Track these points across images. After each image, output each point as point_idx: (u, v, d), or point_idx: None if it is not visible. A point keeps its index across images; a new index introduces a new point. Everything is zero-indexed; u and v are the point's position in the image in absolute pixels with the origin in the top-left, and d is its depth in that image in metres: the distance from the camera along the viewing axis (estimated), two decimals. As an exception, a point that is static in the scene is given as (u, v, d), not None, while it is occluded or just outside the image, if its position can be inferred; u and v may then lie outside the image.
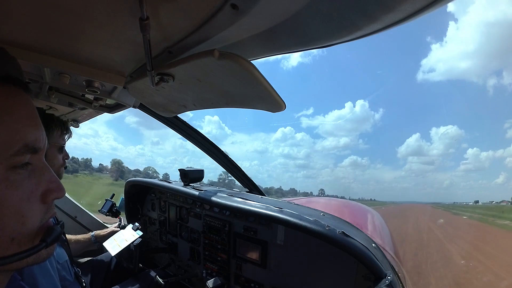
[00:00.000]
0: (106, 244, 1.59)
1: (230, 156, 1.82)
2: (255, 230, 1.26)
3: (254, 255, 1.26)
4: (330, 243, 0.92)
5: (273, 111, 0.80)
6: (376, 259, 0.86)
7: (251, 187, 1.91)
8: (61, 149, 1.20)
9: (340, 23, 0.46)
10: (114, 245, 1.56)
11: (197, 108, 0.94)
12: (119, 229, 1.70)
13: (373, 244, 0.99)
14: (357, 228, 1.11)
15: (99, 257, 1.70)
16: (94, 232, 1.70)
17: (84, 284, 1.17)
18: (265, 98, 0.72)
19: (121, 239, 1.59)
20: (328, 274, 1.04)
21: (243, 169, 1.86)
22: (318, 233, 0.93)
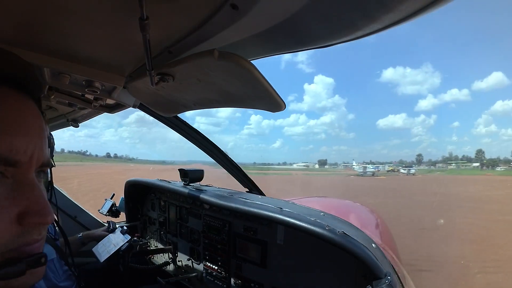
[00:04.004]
0: (95, 250, 1.59)
1: (230, 156, 1.82)
2: (255, 230, 1.26)
3: (254, 255, 1.26)
4: (330, 243, 0.91)
5: (273, 110, 0.80)
6: (376, 259, 0.86)
7: (251, 187, 1.91)
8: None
9: (340, 23, 0.46)
10: (103, 251, 1.56)
11: (197, 108, 0.94)
12: (107, 233, 1.68)
13: (373, 244, 0.99)
14: (357, 228, 1.11)
15: (93, 260, 1.68)
16: (82, 233, 1.68)
17: (81, 285, 1.15)
18: (265, 98, 0.72)
19: (110, 244, 1.58)
20: (328, 274, 1.04)
21: (243, 170, 1.86)
22: (318, 233, 0.93)
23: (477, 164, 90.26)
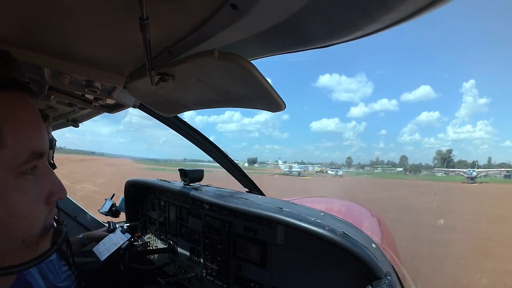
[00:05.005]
0: (95, 249, 1.61)
1: (230, 156, 1.82)
2: (255, 230, 1.26)
3: (254, 255, 1.26)
4: (330, 243, 0.91)
5: (273, 111, 0.80)
6: (376, 259, 0.86)
7: (251, 187, 1.91)
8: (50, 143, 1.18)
9: (340, 23, 0.46)
10: (103, 250, 1.58)
11: (197, 108, 0.94)
12: (107, 233, 1.70)
13: (373, 244, 0.99)
14: (357, 228, 1.11)
15: (93, 260, 1.69)
16: (82, 234, 1.69)
17: (81, 285, 1.15)
18: (265, 98, 0.72)
19: (110, 243, 1.61)
20: (328, 274, 1.04)
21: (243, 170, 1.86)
22: (318, 233, 0.93)
23: (401, 169, 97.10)
